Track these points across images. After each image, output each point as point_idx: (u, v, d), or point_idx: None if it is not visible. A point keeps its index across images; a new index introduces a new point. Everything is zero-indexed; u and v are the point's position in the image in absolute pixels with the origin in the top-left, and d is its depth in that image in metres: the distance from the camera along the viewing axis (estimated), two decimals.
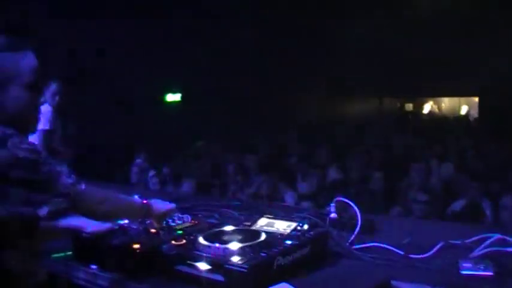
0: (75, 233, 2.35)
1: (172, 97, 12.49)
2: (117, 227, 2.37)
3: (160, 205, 2.37)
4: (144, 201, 2.31)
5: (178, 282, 2.10)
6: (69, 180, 1.94)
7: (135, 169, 8.27)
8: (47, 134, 5.86)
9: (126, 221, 2.38)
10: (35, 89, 1.98)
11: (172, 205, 2.41)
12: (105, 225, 2.35)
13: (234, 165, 7.90)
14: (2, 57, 1.92)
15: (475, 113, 17.68)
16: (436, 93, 18.06)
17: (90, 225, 2.34)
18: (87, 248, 2.32)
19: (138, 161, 8.39)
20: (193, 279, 2.05)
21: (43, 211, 1.86)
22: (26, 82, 1.94)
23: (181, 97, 12.53)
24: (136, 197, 2.44)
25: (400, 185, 6.66)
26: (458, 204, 5.45)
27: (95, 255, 2.30)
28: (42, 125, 5.81)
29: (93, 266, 2.30)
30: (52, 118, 6.00)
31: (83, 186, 1.99)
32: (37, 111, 2.04)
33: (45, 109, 5.87)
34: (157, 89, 11.61)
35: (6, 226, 1.85)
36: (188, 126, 10.71)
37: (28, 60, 1.96)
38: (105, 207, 2.08)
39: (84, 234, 2.33)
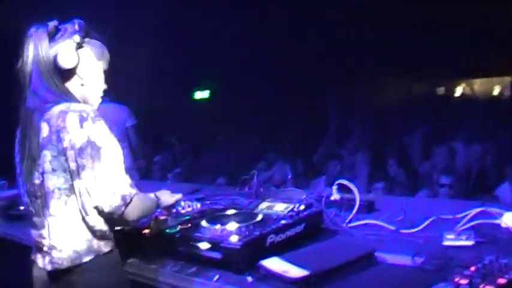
0: None
1: (201, 94, 12.81)
2: None
3: (169, 196, 2.53)
4: (156, 196, 2.43)
5: (182, 261, 2.35)
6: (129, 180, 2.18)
7: (155, 167, 8.51)
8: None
9: None
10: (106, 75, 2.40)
11: (179, 195, 2.61)
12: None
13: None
14: (94, 42, 2.34)
15: (508, 93, 17.45)
16: (468, 74, 17.88)
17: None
18: None
19: (157, 158, 8.64)
20: (195, 258, 2.30)
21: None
22: (104, 68, 2.38)
23: (210, 94, 12.83)
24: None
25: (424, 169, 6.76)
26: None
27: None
28: (132, 120, 6.54)
29: None
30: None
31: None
32: (102, 92, 2.41)
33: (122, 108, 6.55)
34: (186, 86, 11.88)
35: None
36: (216, 122, 10.96)
37: (107, 51, 2.40)
38: (141, 213, 2.25)
39: None
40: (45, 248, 2.15)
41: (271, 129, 11.30)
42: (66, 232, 2.12)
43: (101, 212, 2.10)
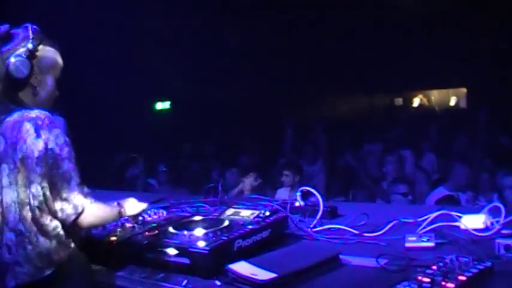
0: None
1: (162, 105, 12.82)
2: None
3: (134, 205, 2.50)
4: (119, 204, 2.40)
5: (150, 268, 2.35)
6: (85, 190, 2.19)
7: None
8: None
9: None
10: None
11: (145, 204, 2.57)
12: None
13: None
14: (48, 50, 2.28)
15: (463, 104, 17.87)
16: (425, 86, 18.28)
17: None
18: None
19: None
20: (163, 264, 2.31)
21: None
22: (57, 76, 2.34)
23: (171, 105, 12.83)
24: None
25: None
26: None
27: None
28: None
29: None
30: None
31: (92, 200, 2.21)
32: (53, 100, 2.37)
33: None
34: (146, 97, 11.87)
35: None
36: (178, 133, 10.94)
37: (60, 59, 2.36)
38: (97, 221, 2.29)
39: None
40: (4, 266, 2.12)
41: (232, 139, 11.34)
42: (25, 246, 2.11)
43: (54, 217, 2.13)
